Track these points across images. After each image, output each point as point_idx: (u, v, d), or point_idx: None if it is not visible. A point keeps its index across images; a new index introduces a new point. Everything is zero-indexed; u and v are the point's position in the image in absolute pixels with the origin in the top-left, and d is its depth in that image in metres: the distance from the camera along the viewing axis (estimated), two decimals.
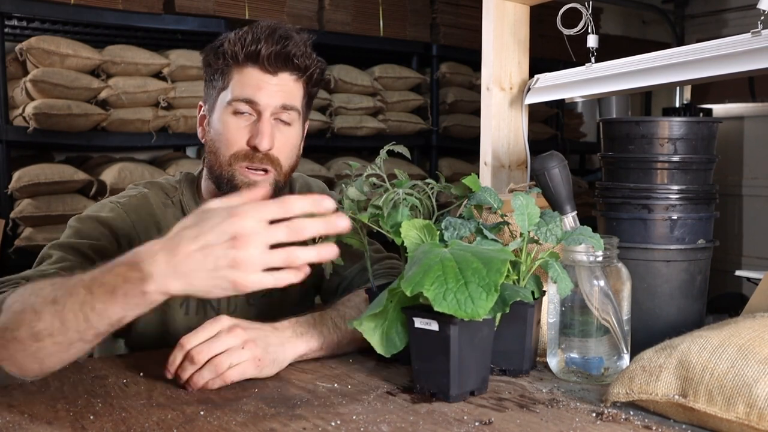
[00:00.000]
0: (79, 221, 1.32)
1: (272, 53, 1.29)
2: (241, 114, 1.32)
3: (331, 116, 3.57)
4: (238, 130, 1.32)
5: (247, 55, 1.31)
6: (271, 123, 1.32)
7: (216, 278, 0.89)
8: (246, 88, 1.31)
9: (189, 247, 0.89)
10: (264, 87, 1.31)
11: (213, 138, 1.36)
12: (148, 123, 3.10)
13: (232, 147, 1.32)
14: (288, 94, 1.34)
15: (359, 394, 1.03)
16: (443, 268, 0.96)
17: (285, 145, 1.35)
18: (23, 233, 2.86)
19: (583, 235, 1.09)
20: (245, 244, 0.88)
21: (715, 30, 5.05)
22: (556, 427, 0.91)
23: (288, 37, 1.31)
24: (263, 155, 1.32)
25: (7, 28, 3.00)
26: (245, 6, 3.30)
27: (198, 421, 0.92)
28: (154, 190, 1.42)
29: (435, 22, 3.92)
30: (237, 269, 0.88)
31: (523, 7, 1.77)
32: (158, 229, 1.37)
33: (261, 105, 1.31)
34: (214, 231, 0.89)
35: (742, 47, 1.32)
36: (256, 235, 0.88)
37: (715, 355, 0.89)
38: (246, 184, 1.32)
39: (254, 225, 0.89)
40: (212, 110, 1.37)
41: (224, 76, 1.34)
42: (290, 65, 1.32)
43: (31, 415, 0.95)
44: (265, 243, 0.89)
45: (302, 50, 1.32)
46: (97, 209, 1.37)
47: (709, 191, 1.26)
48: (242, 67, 1.32)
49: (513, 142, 1.78)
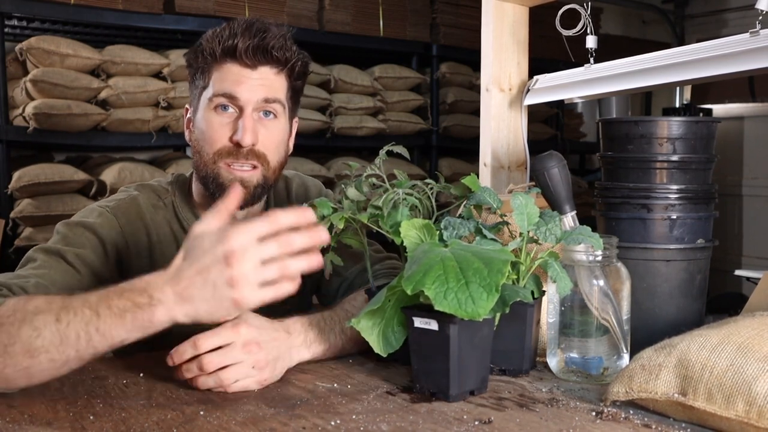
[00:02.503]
0: (67, 227, 1.32)
1: (249, 46, 1.28)
2: (224, 110, 1.31)
3: (331, 116, 3.57)
4: (220, 126, 1.31)
5: (225, 51, 1.30)
6: (253, 118, 1.31)
7: (217, 299, 0.94)
8: (225, 83, 1.30)
9: (188, 273, 0.94)
10: (244, 81, 1.30)
11: (197, 137, 1.35)
12: (148, 123, 3.10)
13: (215, 144, 1.31)
14: (269, 88, 1.32)
15: (359, 394, 1.03)
16: (444, 268, 0.96)
17: (270, 140, 1.33)
18: (23, 233, 2.86)
19: (582, 234, 1.09)
20: (239, 262, 0.92)
21: (715, 30, 5.05)
22: (556, 426, 0.91)
23: (265, 30, 1.31)
24: (248, 151, 1.30)
25: (7, 28, 3.00)
26: (245, 6, 3.31)
27: (198, 421, 0.92)
28: (144, 192, 1.41)
29: (435, 22, 3.92)
30: (235, 287, 0.93)
31: (522, 8, 1.77)
32: (147, 233, 1.37)
33: (242, 100, 1.30)
34: (208, 254, 0.94)
35: (741, 47, 1.32)
36: (248, 252, 0.93)
37: (715, 353, 0.89)
38: (231, 182, 1.29)
39: (245, 243, 0.93)
40: (196, 110, 1.36)
41: (205, 74, 1.33)
42: (269, 58, 1.31)
43: (31, 415, 0.95)
44: (257, 259, 0.93)
45: (281, 42, 1.31)
46: (86, 214, 1.35)
47: (709, 191, 1.26)
48: (221, 64, 1.31)
49: (512, 143, 1.78)
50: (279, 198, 1.51)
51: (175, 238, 1.39)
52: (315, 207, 1.19)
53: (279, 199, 1.51)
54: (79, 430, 0.90)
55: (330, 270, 1.25)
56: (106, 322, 0.94)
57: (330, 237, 0.99)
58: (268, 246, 0.94)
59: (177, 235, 1.39)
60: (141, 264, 1.34)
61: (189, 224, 1.38)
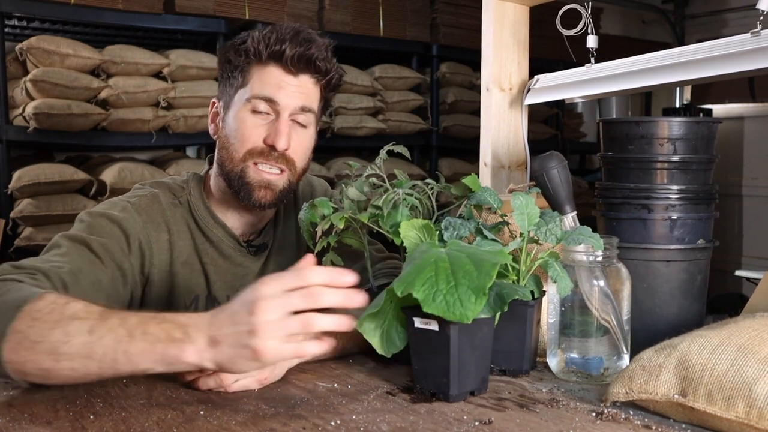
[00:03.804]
0: (91, 216, 1.31)
1: (296, 54, 1.31)
2: (259, 113, 1.33)
3: (331, 116, 3.57)
4: (255, 127, 1.33)
5: (271, 54, 1.32)
6: (288, 123, 1.33)
7: (238, 347, 0.92)
8: (266, 86, 1.32)
9: (221, 318, 0.94)
10: (285, 87, 1.33)
11: (227, 134, 1.36)
12: (148, 123, 3.10)
13: (247, 143, 1.33)
14: (307, 96, 1.35)
15: (359, 394, 1.03)
16: (436, 269, 0.96)
17: (300, 147, 1.36)
18: (23, 233, 2.86)
19: (582, 235, 1.09)
20: (263, 311, 0.91)
21: (715, 30, 5.05)
22: (556, 426, 0.91)
23: (311, 40, 1.33)
24: (279, 154, 1.33)
25: (7, 28, 3.01)
26: (245, 6, 3.31)
27: (198, 421, 0.92)
28: (162, 190, 1.41)
29: (435, 22, 3.92)
30: (255, 336, 0.91)
31: (523, 8, 1.77)
32: (168, 229, 1.37)
33: (281, 105, 1.32)
34: (240, 302, 0.94)
35: (741, 47, 1.32)
36: (273, 300, 0.91)
37: (715, 354, 0.89)
38: (257, 182, 1.33)
39: (272, 292, 0.92)
40: (228, 107, 1.38)
41: (244, 73, 1.35)
42: (312, 68, 1.34)
43: (31, 415, 0.95)
44: (282, 309, 0.91)
45: (324, 54, 1.34)
46: (109, 207, 1.35)
47: (709, 191, 1.26)
48: (264, 66, 1.33)
49: (513, 143, 1.78)
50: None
51: (191, 236, 1.39)
52: (316, 207, 1.20)
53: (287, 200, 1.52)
54: (79, 429, 0.90)
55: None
56: (137, 347, 0.93)
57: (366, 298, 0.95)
58: (294, 296, 0.92)
59: (193, 233, 1.40)
60: (162, 260, 1.35)
61: (204, 223, 1.40)
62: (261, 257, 1.44)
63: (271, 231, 1.47)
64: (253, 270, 1.43)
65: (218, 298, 1.40)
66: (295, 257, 1.48)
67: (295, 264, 0.95)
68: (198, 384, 1.04)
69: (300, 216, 1.24)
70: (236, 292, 1.40)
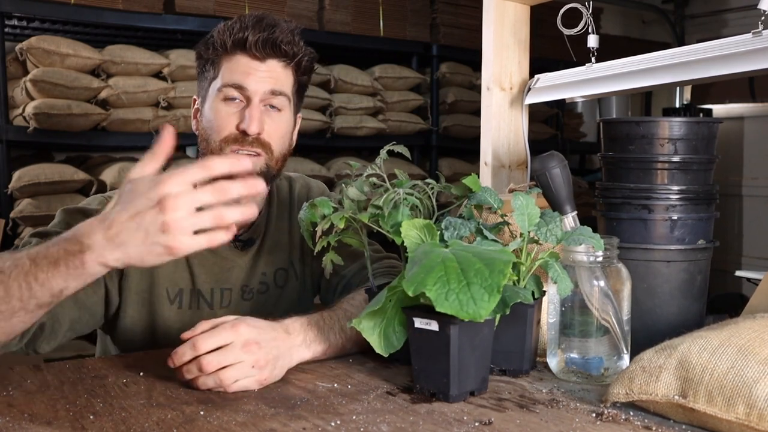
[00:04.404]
0: (67, 213, 1.34)
1: (259, 39, 1.33)
2: (232, 100, 1.35)
3: (331, 116, 3.57)
4: (228, 116, 1.35)
5: (235, 43, 1.34)
6: (260, 109, 1.35)
7: (149, 245, 0.92)
8: (235, 74, 1.35)
9: (121, 218, 0.92)
10: (252, 73, 1.35)
11: (204, 126, 1.39)
12: (148, 123, 3.09)
13: (222, 132, 1.35)
14: (277, 80, 1.37)
15: (359, 394, 1.03)
16: (445, 269, 0.96)
17: (275, 130, 1.38)
18: (23, 233, 2.86)
19: (583, 235, 1.08)
20: (172, 208, 0.90)
21: (715, 30, 5.05)
22: (556, 427, 0.91)
23: (275, 24, 1.35)
24: (253, 139, 1.34)
25: (7, 28, 3.00)
26: (245, 6, 3.30)
27: (198, 421, 0.92)
28: None
29: (435, 22, 3.91)
30: (168, 233, 0.91)
31: (524, 7, 1.77)
32: None
33: (250, 90, 1.34)
34: (141, 199, 0.92)
35: (742, 47, 1.32)
36: (182, 197, 0.91)
37: (715, 355, 0.89)
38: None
39: (179, 189, 0.91)
40: (204, 101, 1.40)
41: (215, 65, 1.38)
42: (278, 52, 1.36)
43: (31, 415, 0.95)
44: (191, 205, 0.92)
45: (289, 37, 1.36)
46: (86, 203, 1.39)
47: (710, 191, 1.25)
48: (231, 55, 1.36)
49: (513, 142, 1.78)
50: (281, 198, 1.52)
51: None
52: (316, 206, 1.20)
53: (281, 199, 1.52)
54: (79, 429, 0.90)
55: (330, 269, 1.25)
56: (43, 271, 0.94)
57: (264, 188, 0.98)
58: (202, 193, 0.92)
59: None
60: None
61: None
62: (248, 252, 1.45)
63: (261, 228, 1.47)
64: (240, 264, 1.44)
65: (203, 292, 1.40)
66: (286, 258, 1.48)
67: (287, 264, 0.94)
68: (197, 384, 1.04)
69: (300, 216, 1.24)
70: (221, 285, 1.41)
